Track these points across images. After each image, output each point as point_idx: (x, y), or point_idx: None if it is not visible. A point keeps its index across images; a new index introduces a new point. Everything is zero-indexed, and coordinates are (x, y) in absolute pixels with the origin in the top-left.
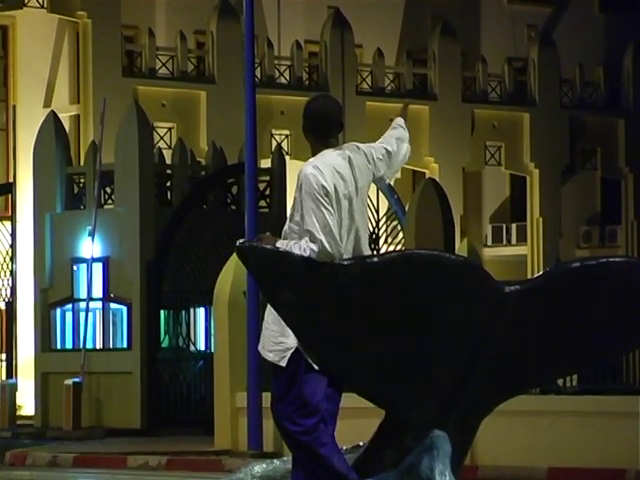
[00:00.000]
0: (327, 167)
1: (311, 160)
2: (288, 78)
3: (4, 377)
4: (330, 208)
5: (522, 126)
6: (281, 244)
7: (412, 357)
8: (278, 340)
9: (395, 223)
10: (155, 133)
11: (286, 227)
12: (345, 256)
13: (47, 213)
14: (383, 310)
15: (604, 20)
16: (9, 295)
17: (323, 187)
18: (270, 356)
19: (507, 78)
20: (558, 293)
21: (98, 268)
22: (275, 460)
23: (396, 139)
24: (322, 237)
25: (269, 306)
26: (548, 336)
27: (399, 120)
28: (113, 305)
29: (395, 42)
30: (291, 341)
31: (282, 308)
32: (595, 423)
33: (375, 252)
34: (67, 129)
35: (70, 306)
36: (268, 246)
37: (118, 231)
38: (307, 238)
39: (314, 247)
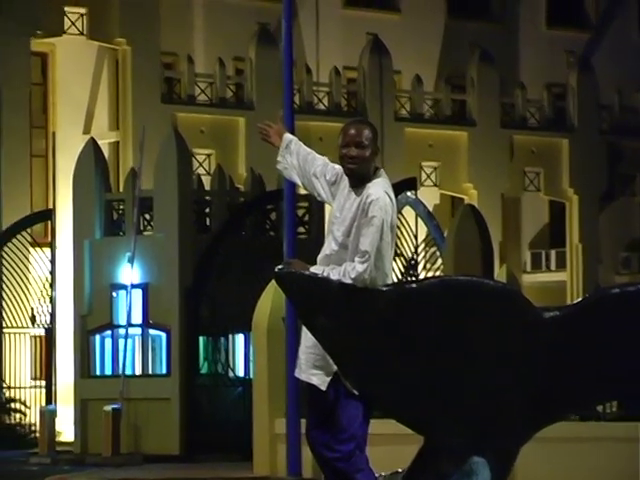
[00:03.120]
0: (394, 197)
1: (380, 184)
2: (327, 104)
3: (44, 403)
4: (389, 240)
5: (561, 152)
6: (316, 269)
7: (450, 383)
8: (320, 364)
9: (434, 249)
10: (194, 159)
11: (328, 251)
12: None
13: (86, 239)
14: (421, 336)
15: None
16: (48, 321)
17: (392, 217)
18: (314, 380)
19: (546, 104)
20: (597, 319)
21: (137, 294)
22: None
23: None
24: (372, 262)
25: (305, 329)
26: (587, 362)
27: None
28: (152, 331)
29: (434, 68)
30: (332, 365)
31: (320, 334)
32: (635, 449)
33: (414, 278)
34: (106, 156)
35: (109, 332)
36: (307, 272)
37: (157, 257)
38: (358, 258)
39: (360, 268)
